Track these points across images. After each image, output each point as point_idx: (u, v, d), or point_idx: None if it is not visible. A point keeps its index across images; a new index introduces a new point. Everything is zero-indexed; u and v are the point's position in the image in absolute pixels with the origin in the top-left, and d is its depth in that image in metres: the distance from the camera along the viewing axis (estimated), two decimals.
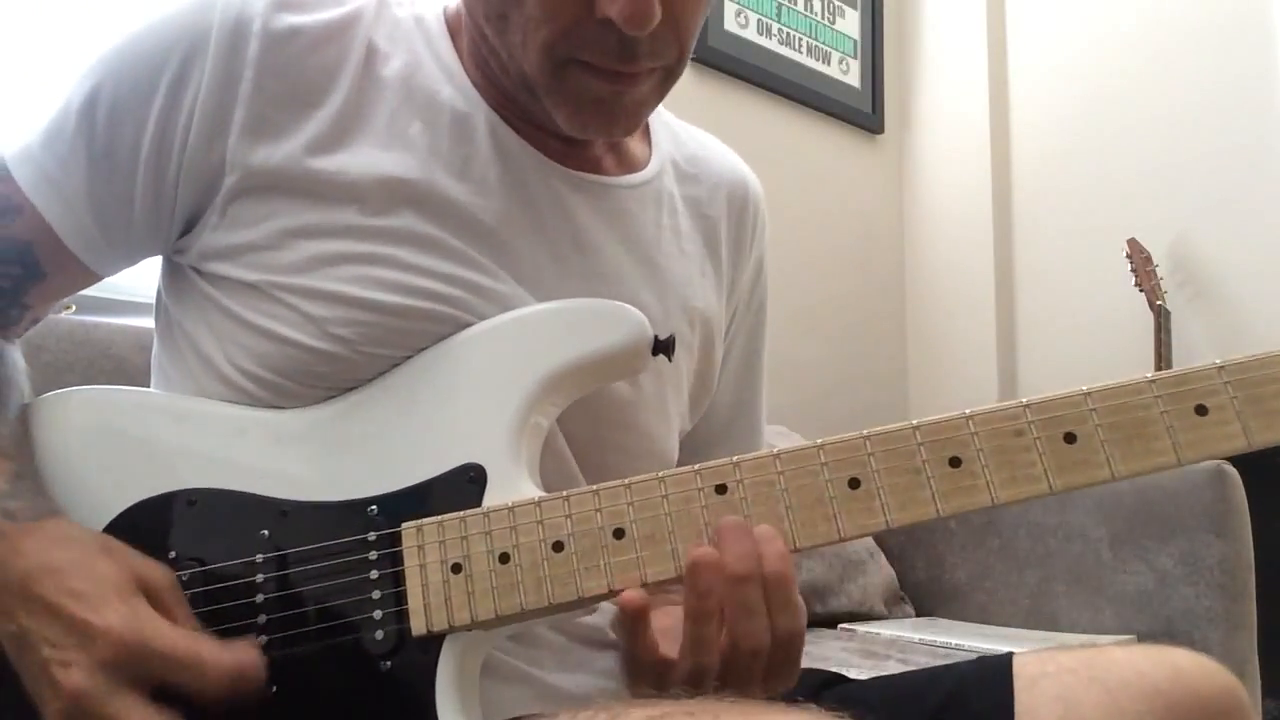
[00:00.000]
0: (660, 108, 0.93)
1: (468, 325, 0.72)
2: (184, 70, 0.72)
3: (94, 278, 0.79)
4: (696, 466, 0.64)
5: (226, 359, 0.73)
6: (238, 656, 0.61)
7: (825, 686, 0.84)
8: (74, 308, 1.55)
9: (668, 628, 0.66)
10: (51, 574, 0.62)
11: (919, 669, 0.85)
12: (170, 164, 0.73)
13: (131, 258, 0.79)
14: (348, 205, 0.72)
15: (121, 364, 1.34)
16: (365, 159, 0.73)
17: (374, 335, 0.71)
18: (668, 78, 0.75)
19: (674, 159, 0.90)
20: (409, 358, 0.72)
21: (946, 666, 0.82)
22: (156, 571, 0.65)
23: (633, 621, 0.64)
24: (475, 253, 0.74)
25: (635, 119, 0.76)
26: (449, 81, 0.78)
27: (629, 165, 0.86)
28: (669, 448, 0.86)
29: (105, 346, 1.36)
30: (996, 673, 0.74)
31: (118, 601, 0.61)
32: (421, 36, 0.80)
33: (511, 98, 0.77)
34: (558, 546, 0.64)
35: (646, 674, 0.65)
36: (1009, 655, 0.75)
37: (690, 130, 0.97)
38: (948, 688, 0.78)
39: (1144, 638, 1.75)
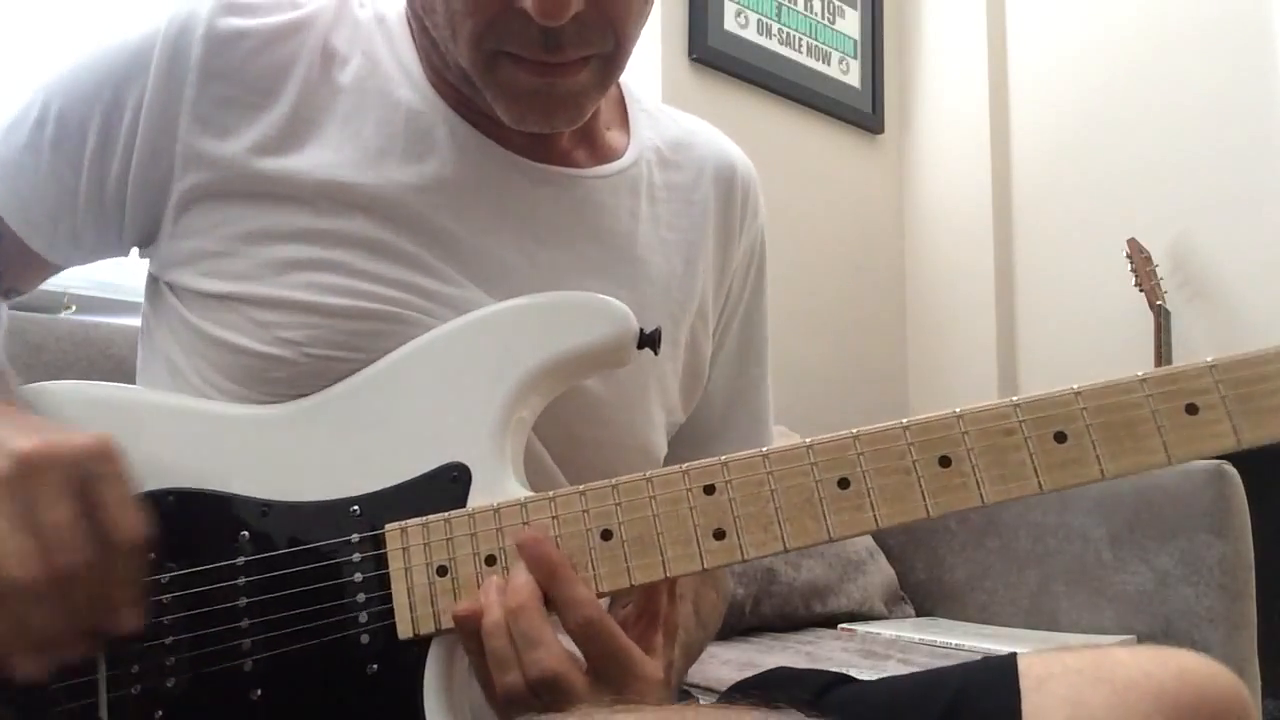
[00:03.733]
0: (640, 94, 0.91)
1: (417, 332, 0.71)
2: (128, 76, 0.73)
3: (51, 266, 0.81)
4: (684, 466, 0.63)
5: (194, 370, 0.73)
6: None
7: (830, 688, 0.84)
8: (74, 308, 1.55)
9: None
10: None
11: (924, 670, 0.84)
12: (114, 162, 0.74)
13: (84, 252, 0.80)
14: (299, 208, 0.72)
15: (121, 364, 1.34)
16: (314, 161, 0.73)
17: (322, 338, 0.70)
18: (607, 66, 0.72)
19: (655, 145, 0.88)
20: (363, 360, 0.71)
21: (951, 668, 0.81)
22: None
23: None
24: (430, 257, 0.73)
25: (576, 110, 0.73)
26: (407, 81, 0.77)
27: (603, 155, 0.84)
28: (652, 443, 0.84)
29: (105, 346, 1.36)
30: (1002, 673, 0.73)
31: (33, 435, 0.61)
32: (382, 36, 0.79)
33: (464, 88, 0.76)
34: None
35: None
36: (1013, 656, 0.75)
37: (674, 115, 0.94)
38: (954, 689, 0.77)
39: (1144, 638, 1.74)
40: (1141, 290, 2.36)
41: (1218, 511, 1.70)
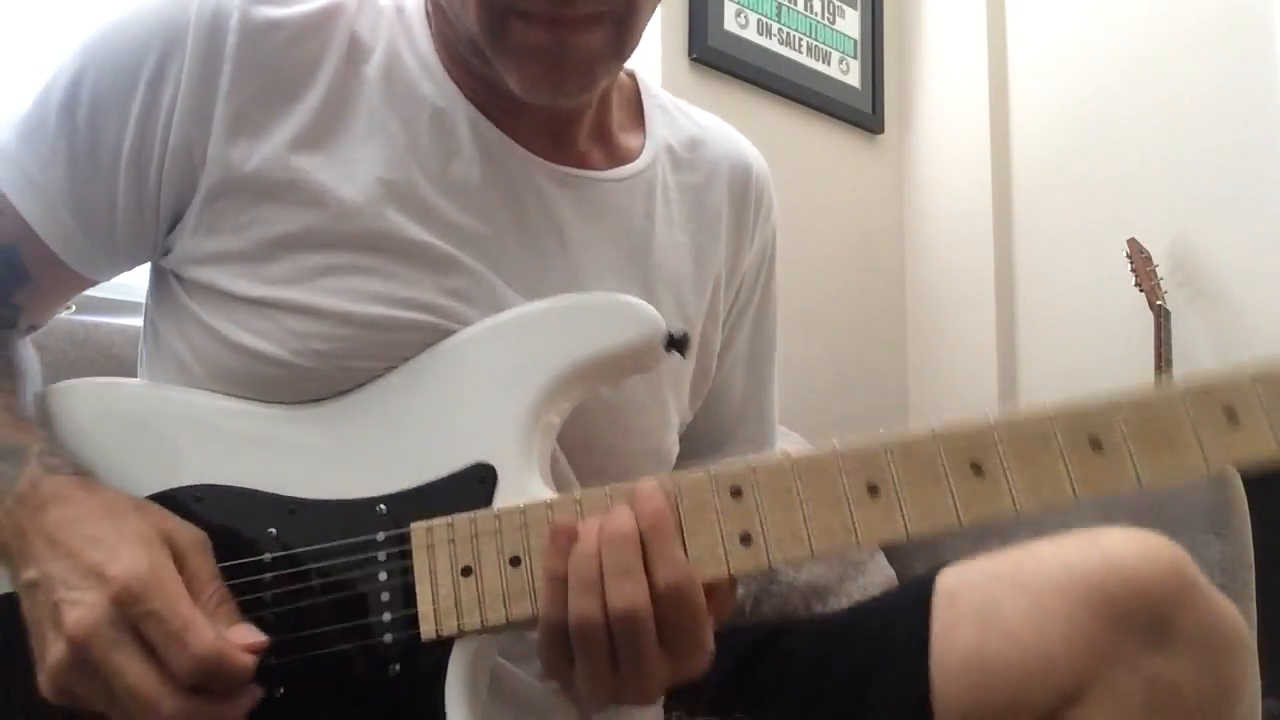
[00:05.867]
0: (656, 90, 0.91)
1: (452, 332, 0.71)
2: (162, 66, 0.71)
3: (85, 282, 0.78)
4: (712, 470, 0.62)
5: (207, 374, 0.72)
6: (220, 646, 0.59)
7: (765, 643, 0.83)
8: (74, 308, 1.54)
9: None
10: (78, 521, 0.62)
11: (855, 604, 0.83)
12: (151, 163, 0.72)
13: (118, 262, 0.77)
14: (329, 209, 0.71)
15: (122, 364, 1.34)
16: (344, 159, 0.72)
17: (356, 350, 0.70)
18: (620, 28, 0.70)
19: (670, 145, 0.88)
20: (391, 368, 0.71)
21: (878, 598, 0.79)
22: (185, 530, 0.65)
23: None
24: (461, 254, 0.73)
25: (588, 77, 0.71)
26: (427, 76, 0.76)
27: (619, 157, 0.84)
28: (666, 445, 0.84)
29: (105, 346, 1.36)
30: (917, 597, 0.71)
31: (138, 548, 0.60)
32: (401, 28, 0.78)
33: (487, 83, 0.75)
34: None
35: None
36: (933, 572, 0.72)
37: (690, 112, 0.94)
38: (875, 620, 0.75)
39: None
40: (1141, 290, 2.36)
41: (1218, 511, 1.70)
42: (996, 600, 0.67)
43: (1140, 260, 2.38)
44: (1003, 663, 0.66)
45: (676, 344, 0.71)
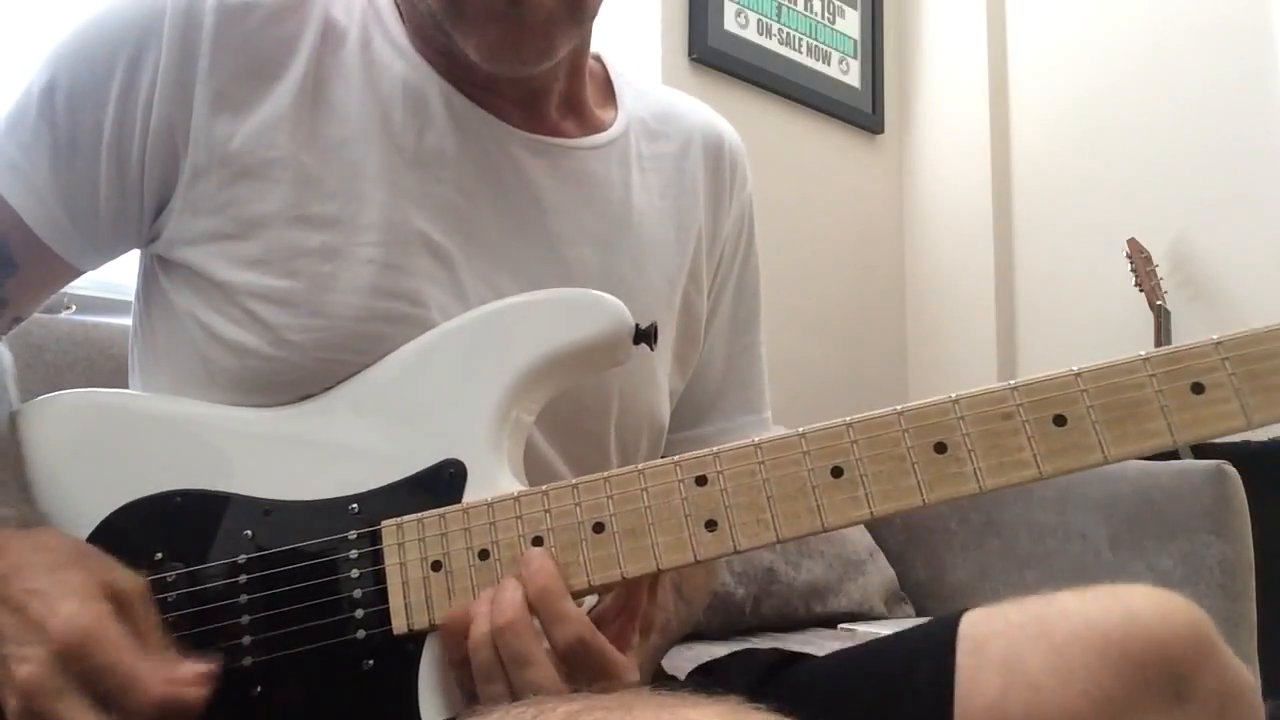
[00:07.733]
0: (625, 70, 0.92)
1: (428, 322, 0.72)
2: (140, 50, 0.72)
3: (72, 271, 0.78)
4: (677, 458, 0.63)
5: (195, 373, 0.73)
6: (170, 691, 0.59)
7: (781, 666, 0.83)
8: (74, 308, 1.55)
9: None
10: (20, 574, 0.62)
11: (875, 639, 0.83)
12: (133, 147, 0.72)
13: (104, 250, 0.78)
14: (308, 187, 0.72)
15: (121, 364, 1.33)
16: (324, 137, 0.73)
17: (328, 341, 0.70)
18: None
19: (641, 118, 0.89)
20: (368, 363, 0.71)
21: (900, 635, 0.80)
22: (127, 579, 0.64)
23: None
24: (436, 234, 0.74)
25: (546, 42, 0.72)
26: (400, 56, 0.77)
27: (592, 127, 0.85)
28: (657, 409, 0.85)
29: (105, 346, 1.36)
30: (942, 641, 0.71)
31: (76, 602, 0.60)
32: (372, 11, 0.79)
33: (457, 60, 0.76)
34: (537, 541, 0.63)
35: None
36: (957, 617, 0.72)
37: (659, 89, 0.96)
38: (897, 660, 0.75)
39: None
40: (1141, 290, 2.36)
41: (1218, 511, 1.70)
42: (1020, 650, 0.67)
43: (1140, 260, 2.38)
44: (1024, 714, 0.66)
45: (644, 336, 0.71)
